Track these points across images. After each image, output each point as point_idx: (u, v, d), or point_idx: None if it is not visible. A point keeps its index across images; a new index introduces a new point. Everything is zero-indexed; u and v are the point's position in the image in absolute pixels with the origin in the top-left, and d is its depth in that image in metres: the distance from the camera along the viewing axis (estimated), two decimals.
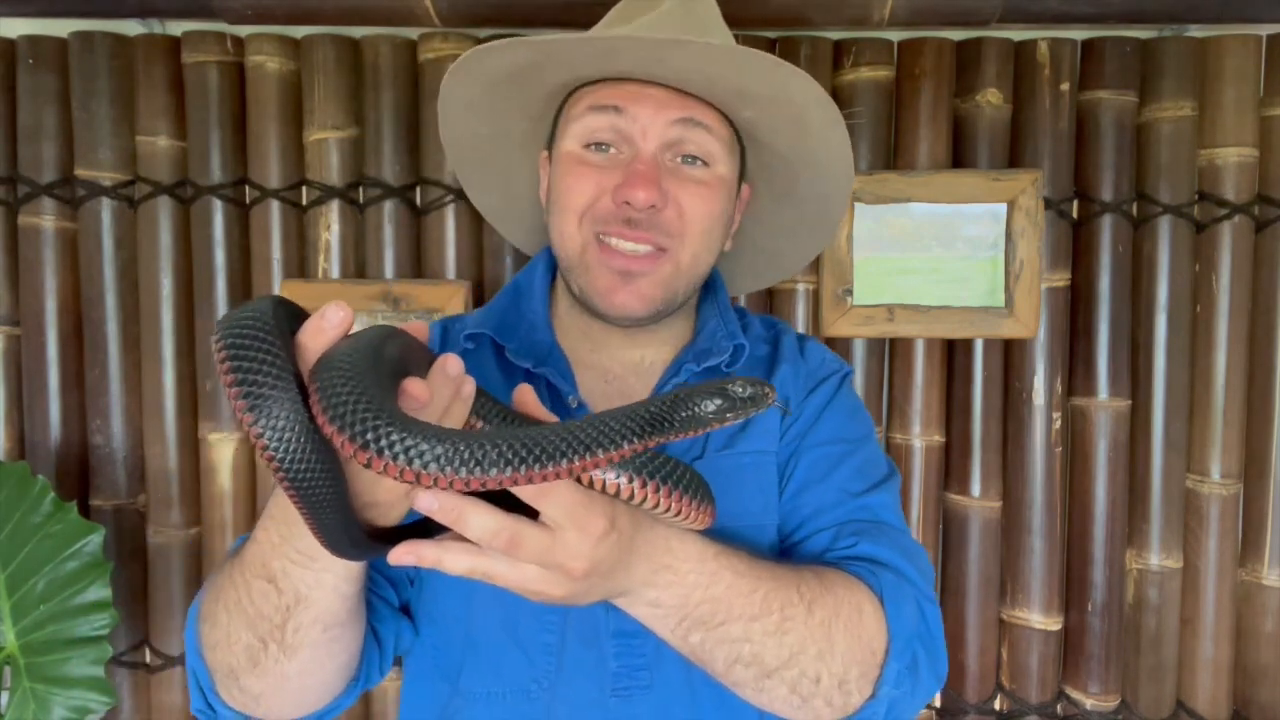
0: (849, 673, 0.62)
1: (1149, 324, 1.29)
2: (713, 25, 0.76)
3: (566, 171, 0.72)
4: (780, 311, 1.31)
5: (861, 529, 0.71)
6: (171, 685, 1.35)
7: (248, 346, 0.43)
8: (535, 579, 0.49)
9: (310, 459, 0.43)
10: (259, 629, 0.57)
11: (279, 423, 0.42)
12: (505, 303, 0.82)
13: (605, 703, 0.68)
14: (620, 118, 0.70)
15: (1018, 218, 1.25)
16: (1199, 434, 1.30)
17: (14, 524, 1.15)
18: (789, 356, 0.80)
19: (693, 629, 0.58)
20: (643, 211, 0.69)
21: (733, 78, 0.69)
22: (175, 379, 1.31)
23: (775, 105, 0.72)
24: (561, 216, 0.73)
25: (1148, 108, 1.27)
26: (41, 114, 1.29)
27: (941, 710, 1.35)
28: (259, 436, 0.42)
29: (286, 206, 1.29)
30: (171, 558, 1.33)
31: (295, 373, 0.44)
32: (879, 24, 1.20)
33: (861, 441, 0.78)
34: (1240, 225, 1.27)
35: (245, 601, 0.57)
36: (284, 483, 0.43)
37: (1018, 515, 1.31)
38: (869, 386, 1.31)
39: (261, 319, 0.44)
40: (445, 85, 0.77)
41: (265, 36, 1.27)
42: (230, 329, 0.44)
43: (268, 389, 0.42)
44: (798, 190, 0.83)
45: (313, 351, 0.46)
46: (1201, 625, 1.31)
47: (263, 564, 0.56)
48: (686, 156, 0.72)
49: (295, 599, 0.56)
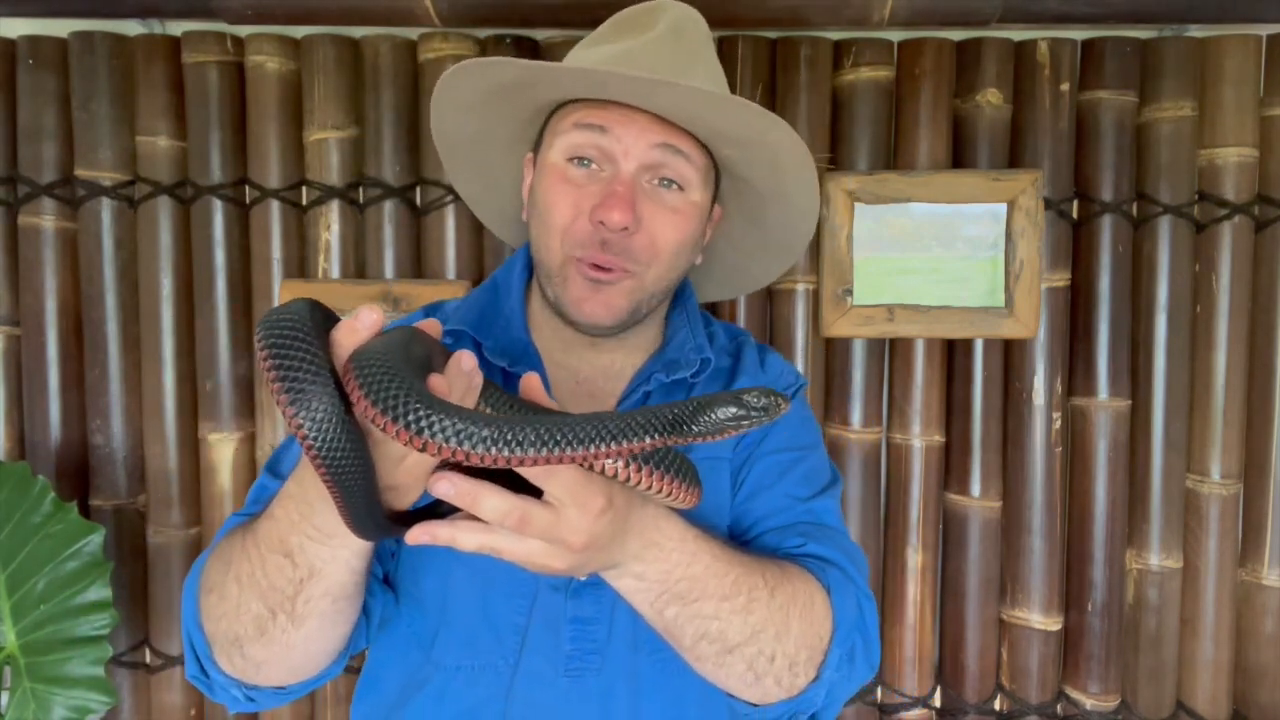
0: (799, 655, 0.67)
1: (1149, 324, 1.29)
2: (702, 56, 0.79)
3: (550, 186, 0.75)
4: (780, 311, 1.31)
5: (807, 531, 0.76)
6: (171, 685, 1.35)
7: (287, 343, 0.47)
8: (539, 552, 0.54)
9: (344, 446, 0.47)
10: (270, 600, 0.61)
11: (317, 414, 0.46)
12: (484, 300, 0.84)
13: (558, 681, 0.74)
14: (604, 137, 0.73)
15: (1018, 218, 1.25)
16: (1199, 434, 1.30)
17: (14, 524, 1.15)
18: (749, 370, 0.85)
19: (670, 603, 0.63)
20: (616, 233, 0.72)
21: (715, 121, 0.73)
22: (175, 379, 1.31)
23: (753, 148, 0.77)
24: (544, 230, 0.76)
25: (1148, 108, 1.27)
26: (41, 114, 1.29)
27: (941, 710, 1.35)
28: (299, 426, 0.46)
29: (286, 206, 1.30)
30: (171, 558, 1.33)
31: (330, 368, 0.48)
32: (879, 24, 1.21)
33: (810, 449, 0.83)
34: (1240, 225, 1.27)
35: (259, 574, 0.61)
36: (320, 468, 0.47)
37: (1018, 515, 1.31)
38: (869, 386, 1.31)
39: (300, 319, 0.49)
40: (439, 89, 0.80)
41: (265, 36, 1.27)
42: (271, 328, 0.48)
43: (307, 383, 0.46)
44: (767, 218, 0.88)
45: (346, 349, 0.49)
46: (1201, 625, 1.31)
47: (280, 539, 0.59)
48: (664, 180, 0.75)
49: (309, 572, 0.60)
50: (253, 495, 0.78)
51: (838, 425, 1.31)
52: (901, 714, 1.34)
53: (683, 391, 0.81)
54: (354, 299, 1.27)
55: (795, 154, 0.77)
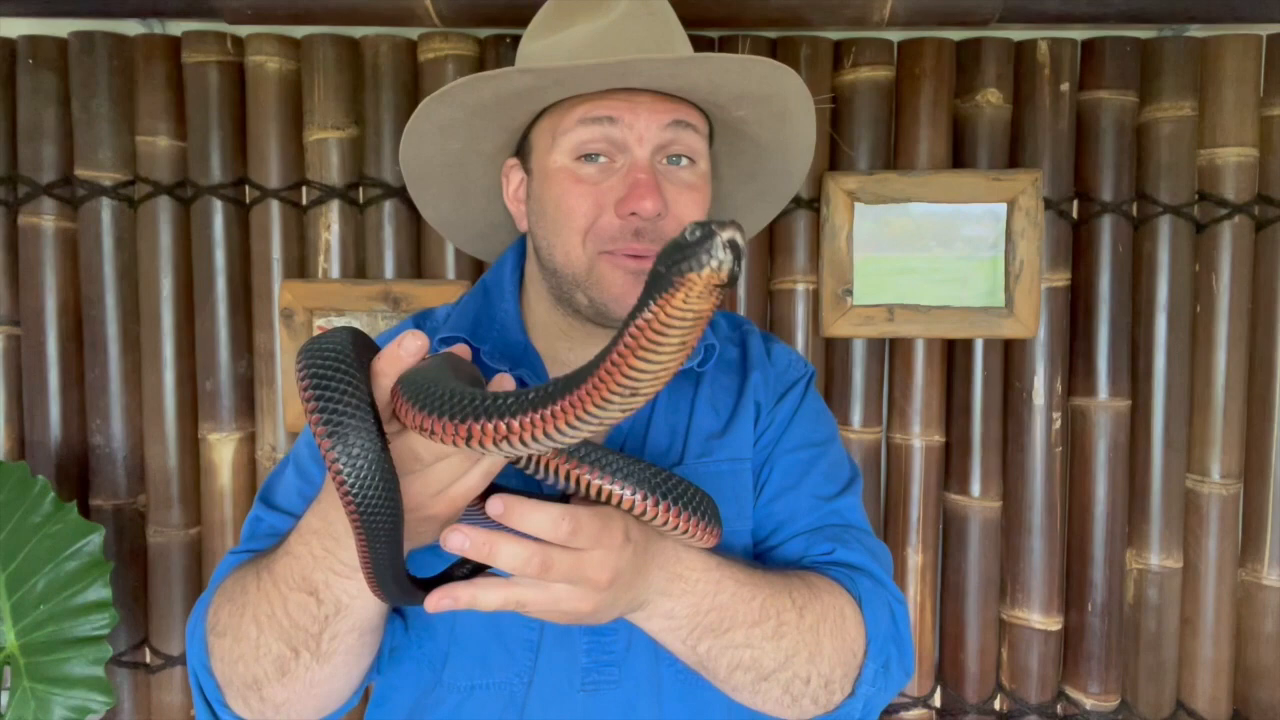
0: (834, 673, 0.65)
1: (1149, 324, 1.29)
2: (674, 23, 0.78)
3: (563, 191, 0.72)
4: (780, 311, 1.31)
5: (836, 535, 0.74)
6: (171, 685, 1.35)
7: (329, 376, 0.46)
8: (565, 597, 0.52)
9: (378, 489, 0.46)
10: (293, 639, 0.60)
11: (354, 450, 0.45)
12: (476, 305, 0.82)
13: (574, 698, 0.71)
14: (614, 127, 0.71)
15: (1018, 218, 1.25)
16: (1199, 434, 1.30)
17: (14, 524, 1.15)
18: (758, 362, 0.82)
19: (702, 637, 0.61)
20: (649, 221, 0.70)
21: (738, 85, 0.72)
22: (175, 379, 1.31)
23: (767, 103, 0.76)
24: (563, 236, 0.72)
25: (1148, 108, 1.27)
26: (41, 114, 1.29)
27: (941, 710, 1.35)
28: (334, 462, 0.45)
29: (286, 206, 1.29)
30: (171, 558, 1.33)
31: (371, 403, 0.47)
32: (879, 24, 1.21)
33: (828, 444, 0.82)
34: (1240, 225, 1.27)
35: (280, 614, 0.59)
36: (350, 508, 0.46)
37: (1018, 515, 1.31)
38: (869, 386, 1.31)
39: (342, 349, 0.47)
40: (425, 108, 0.76)
41: (265, 36, 1.27)
42: (312, 359, 0.47)
43: (347, 418, 0.45)
44: (764, 169, 0.87)
45: (390, 378, 0.48)
46: (1201, 625, 1.31)
47: (303, 577, 0.58)
48: (673, 156, 0.73)
49: (335, 609, 0.58)
50: (248, 530, 0.75)
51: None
52: (901, 714, 1.34)
53: (690, 385, 0.79)
54: (354, 299, 1.27)
55: (801, 98, 0.77)
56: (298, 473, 0.75)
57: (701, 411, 0.78)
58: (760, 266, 1.31)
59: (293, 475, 0.76)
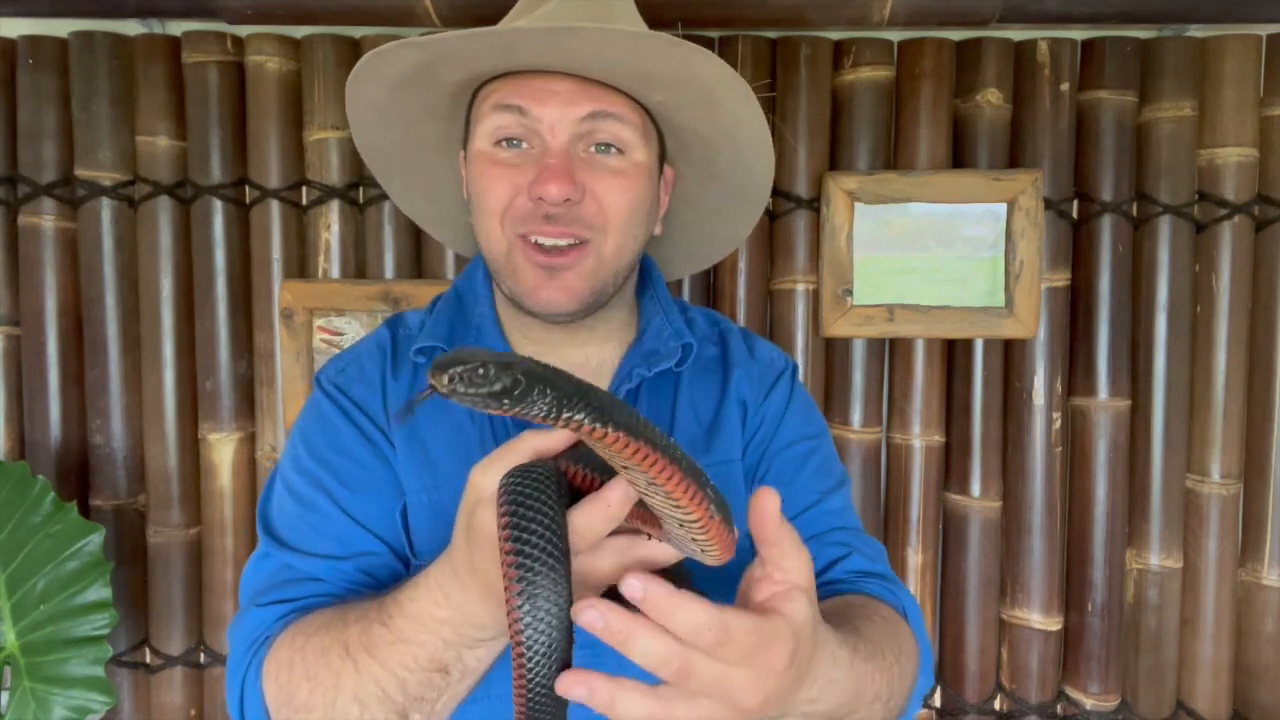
0: (904, 700, 0.65)
1: (1149, 324, 1.29)
2: (619, 10, 0.75)
3: (481, 173, 0.72)
4: (780, 311, 1.31)
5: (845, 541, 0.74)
6: (171, 685, 1.35)
7: (532, 520, 0.43)
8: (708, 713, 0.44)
9: (553, 653, 0.42)
10: (407, 709, 0.57)
11: (541, 611, 0.42)
12: (450, 311, 0.80)
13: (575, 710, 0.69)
14: (525, 117, 0.69)
15: (1018, 218, 1.25)
16: (1199, 434, 1.30)
17: (14, 524, 1.15)
18: (740, 359, 0.81)
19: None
20: (559, 206, 0.68)
21: (631, 61, 0.68)
22: (175, 379, 1.31)
23: (681, 86, 0.71)
24: (483, 219, 0.72)
25: (1148, 108, 1.27)
26: (41, 114, 1.29)
27: (941, 710, 1.35)
28: (519, 620, 0.42)
29: (286, 206, 1.29)
30: (171, 558, 1.33)
31: (565, 551, 0.44)
32: (879, 24, 1.20)
33: (820, 437, 0.81)
34: (1240, 225, 1.27)
35: (394, 692, 0.57)
36: (521, 669, 0.42)
37: (1018, 515, 1.31)
38: (869, 386, 1.31)
39: (548, 492, 0.44)
40: (348, 93, 0.76)
41: (265, 36, 1.27)
42: (517, 494, 0.44)
43: (543, 574, 0.42)
44: (720, 167, 0.83)
45: (596, 531, 0.46)
46: (1201, 625, 1.31)
47: (430, 659, 0.55)
48: (600, 145, 0.71)
49: (462, 674, 0.56)
50: (266, 574, 0.70)
51: (838, 425, 1.31)
52: None
53: (670, 385, 0.77)
54: (354, 299, 1.27)
55: (727, 84, 0.71)
56: (295, 500, 0.72)
57: (683, 415, 0.76)
58: (760, 267, 1.31)
59: (291, 505, 0.72)
